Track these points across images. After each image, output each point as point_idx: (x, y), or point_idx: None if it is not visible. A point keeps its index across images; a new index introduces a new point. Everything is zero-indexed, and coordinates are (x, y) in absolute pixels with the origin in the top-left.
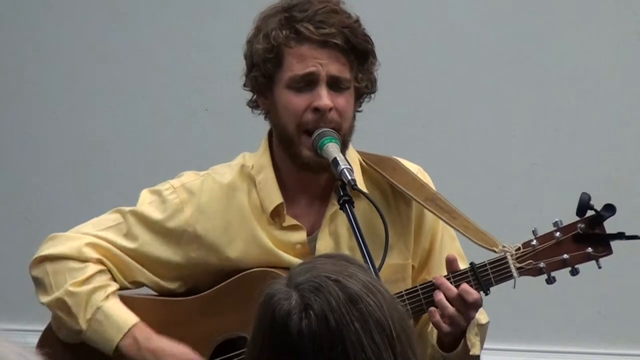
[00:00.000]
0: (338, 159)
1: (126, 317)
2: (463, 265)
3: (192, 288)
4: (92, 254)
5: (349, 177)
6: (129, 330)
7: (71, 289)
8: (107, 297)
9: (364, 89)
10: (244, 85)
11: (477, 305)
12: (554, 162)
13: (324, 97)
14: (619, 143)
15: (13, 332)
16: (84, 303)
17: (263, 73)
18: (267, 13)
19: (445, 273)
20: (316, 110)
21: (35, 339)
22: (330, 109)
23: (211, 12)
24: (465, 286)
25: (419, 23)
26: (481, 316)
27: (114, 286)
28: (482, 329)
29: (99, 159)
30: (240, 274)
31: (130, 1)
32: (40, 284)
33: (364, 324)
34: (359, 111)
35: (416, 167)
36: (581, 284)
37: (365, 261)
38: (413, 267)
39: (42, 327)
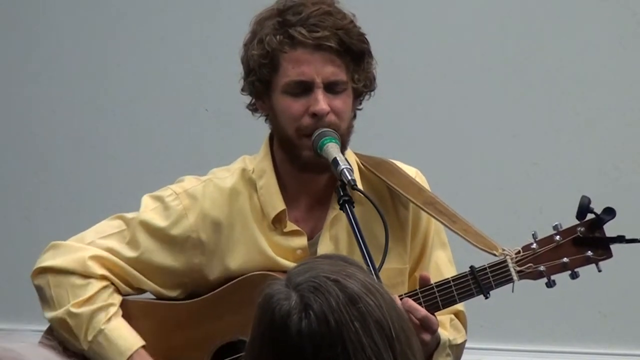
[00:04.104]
0: (338, 159)
1: (128, 343)
2: (451, 272)
3: (191, 294)
4: (96, 268)
5: (349, 177)
6: (130, 356)
7: (73, 309)
8: (109, 319)
9: (362, 88)
10: (242, 89)
11: (426, 326)
12: (554, 162)
13: (321, 102)
14: (619, 143)
15: (12, 332)
16: (85, 325)
17: (259, 78)
18: (262, 16)
19: (432, 281)
20: (314, 115)
21: (34, 339)
22: (328, 113)
23: (211, 12)
24: (411, 304)
25: (419, 22)
26: (458, 335)
27: (116, 304)
28: (458, 348)
29: (99, 158)
30: (240, 278)
31: (131, 1)
32: (42, 295)
33: (363, 323)
34: (359, 109)
35: (414, 170)
36: (581, 284)
37: (365, 261)
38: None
39: (42, 327)
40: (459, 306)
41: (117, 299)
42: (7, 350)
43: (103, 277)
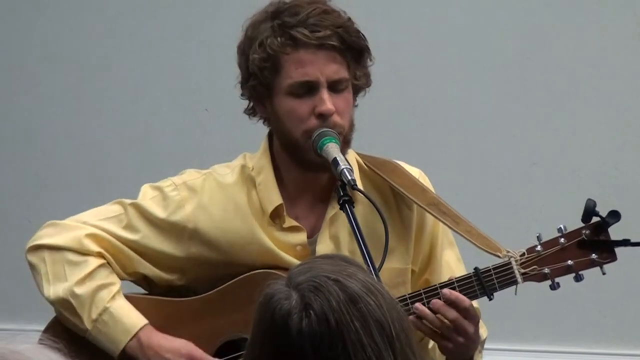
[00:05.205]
0: (338, 159)
1: (133, 320)
2: (461, 270)
3: (191, 281)
4: (92, 246)
5: (349, 177)
6: (135, 333)
7: (75, 289)
8: (114, 297)
9: (362, 85)
10: (242, 95)
11: (470, 316)
12: (554, 162)
13: (327, 102)
14: (619, 143)
15: (12, 332)
16: (89, 303)
17: (261, 82)
18: (255, 19)
19: (444, 279)
20: (319, 115)
21: (34, 339)
22: (333, 113)
23: (211, 12)
24: (457, 295)
25: (419, 22)
26: (482, 330)
27: (117, 284)
28: (482, 344)
29: (99, 159)
30: (243, 276)
31: (130, 1)
32: (37, 271)
33: (364, 323)
34: (355, 106)
35: (417, 171)
36: (582, 284)
37: (365, 261)
38: (413, 271)
39: (42, 327)
40: (474, 302)
41: (116, 278)
42: (14, 353)
43: (100, 255)
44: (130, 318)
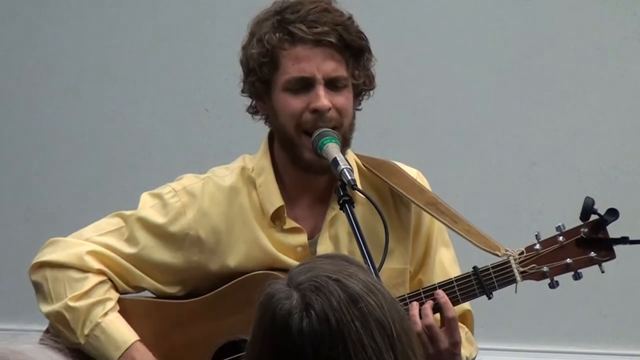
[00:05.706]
0: (338, 159)
1: (125, 336)
2: (456, 271)
3: (192, 291)
4: (94, 263)
5: (349, 177)
6: (127, 349)
7: (70, 303)
8: (106, 313)
9: (362, 86)
10: (242, 91)
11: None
12: (553, 162)
13: (322, 98)
14: (618, 143)
15: (14, 332)
16: (82, 318)
17: (260, 78)
18: (260, 17)
19: (437, 279)
20: (315, 111)
21: (35, 340)
22: (329, 109)
23: (211, 11)
24: (447, 299)
25: (419, 22)
26: (472, 348)
27: (114, 300)
28: None
29: (99, 158)
30: (243, 277)
31: (130, 1)
32: (39, 290)
33: (364, 323)
34: (358, 109)
35: (415, 172)
36: (582, 284)
37: (365, 261)
38: (410, 271)
39: (42, 327)
40: (466, 305)
41: (114, 294)
42: (15, 353)
43: (100, 272)
44: (121, 334)
